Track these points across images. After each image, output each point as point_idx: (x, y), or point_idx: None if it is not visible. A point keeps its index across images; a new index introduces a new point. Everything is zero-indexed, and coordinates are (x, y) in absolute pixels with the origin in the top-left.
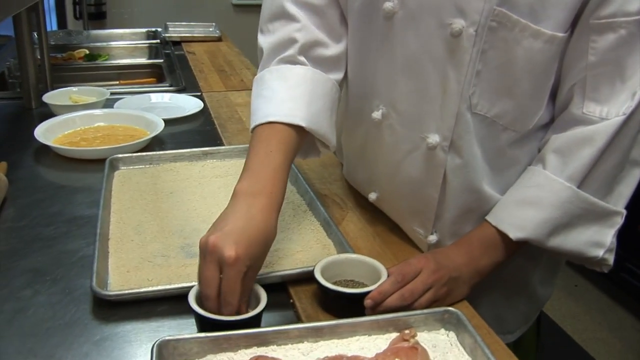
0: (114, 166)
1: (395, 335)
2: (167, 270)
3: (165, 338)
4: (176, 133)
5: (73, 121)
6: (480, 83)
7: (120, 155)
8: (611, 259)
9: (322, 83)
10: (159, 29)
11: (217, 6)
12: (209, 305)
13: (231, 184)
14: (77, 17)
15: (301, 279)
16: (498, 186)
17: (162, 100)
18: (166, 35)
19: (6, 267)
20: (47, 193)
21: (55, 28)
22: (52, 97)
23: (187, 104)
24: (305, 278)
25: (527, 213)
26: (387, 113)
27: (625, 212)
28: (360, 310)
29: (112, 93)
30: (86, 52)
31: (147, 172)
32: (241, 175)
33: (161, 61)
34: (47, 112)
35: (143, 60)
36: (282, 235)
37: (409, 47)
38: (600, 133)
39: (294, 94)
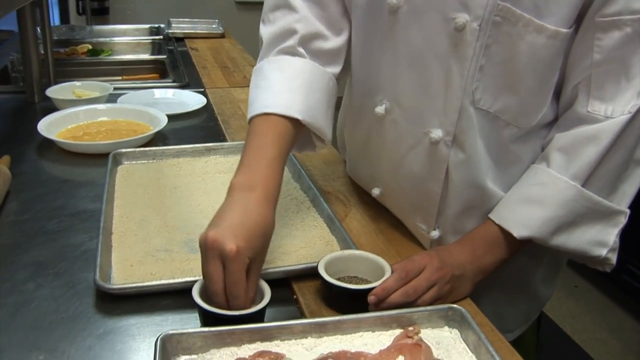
0: (117, 161)
1: (398, 331)
2: (171, 264)
3: (168, 332)
4: (179, 129)
5: (76, 115)
6: (483, 78)
7: (123, 150)
8: (614, 259)
9: (320, 76)
10: (162, 25)
11: (220, 3)
12: (218, 300)
13: None
14: (80, 13)
15: (305, 275)
16: (501, 183)
17: (166, 95)
18: (169, 31)
19: (9, 261)
20: (50, 187)
21: (57, 23)
22: (56, 92)
23: (191, 100)
24: (308, 274)
25: (531, 211)
26: (391, 108)
27: (628, 212)
28: (363, 306)
29: (116, 88)
30: (89, 48)
31: (150, 167)
32: (237, 168)
33: (164, 57)
34: (50, 107)
35: (146, 56)
36: (286, 231)
37: (413, 42)
38: (605, 131)
39: (291, 86)
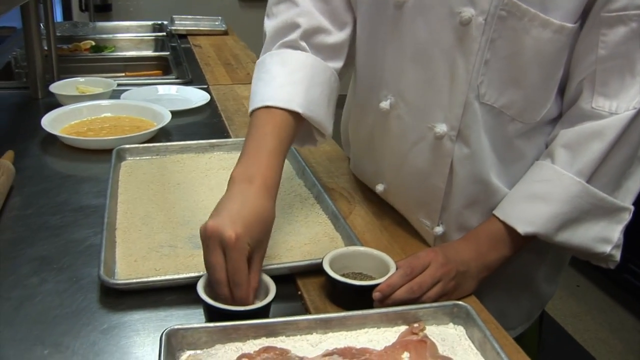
0: (121, 157)
1: (404, 328)
2: (175, 260)
3: (174, 327)
4: (183, 125)
5: (80, 111)
6: (488, 72)
7: (127, 145)
8: (618, 255)
9: (322, 71)
10: (165, 22)
11: (223, 0)
12: (221, 290)
13: None
14: (83, 9)
15: (309, 271)
16: (505, 179)
17: (169, 92)
18: (172, 28)
19: (13, 255)
20: (54, 182)
21: (60, 20)
22: (59, 87)
23: (194, 97)
24: (313, 270)
25: (536, 207)
26: (395, 103)
27: (633, 208)
28: (368, 302)
29: (119, 84)
30: (92, 44)
31: (154, 163)
32: (238, 160)
33: (167, 54)
34: (54, 102)
35: (149, 52)
36: (290, 227)
37: (418, 36)
38: (610, 127)
39: (293, 79)
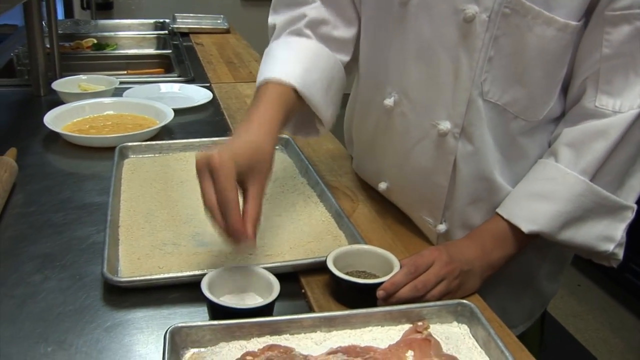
0: (124, 154)
1: (408, 326)
2: (178, 258)
3: (178, 325)
4: (185, 123)
5: (82, 109)
6: (492, 70)
7: (129, 143)
8: (621, 254)
9: (325, 57)
10: (167, 20)
11: None
12: (214, 221)
13: None
14: (84, 7)
15: (313, 269)
16: (509, 176)
17: (172, 90)
18: (174, 26)
19: (16, 253)
20: (57, 180)
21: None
22: (62, 85)
23: (197, 95)
24: (317, 268)
25: (540, 206)
26: (399, 100)
27: (636, 207)
28: (372, 301)
29: (121, 82)
30: (94, 42)
31: (157, 161)
32: None
33: (169, 52)
34: (56, 100)
35: (151, 50)
36: (294, 226)
37: (423, 34)
38: (614, 126)
39: (295, 59)
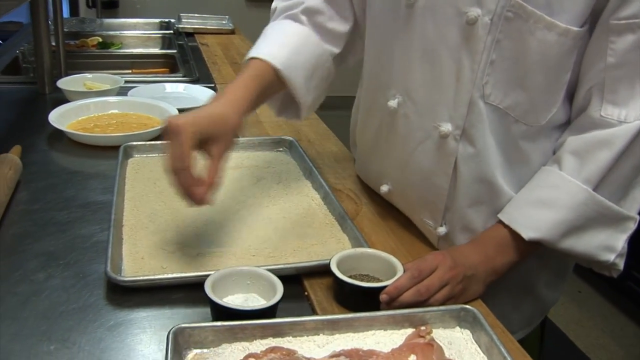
0: (128, 153)
1: (410, 331)
2: (181, 258)
3: (181, 325)
4: None
5: (87, 107)
6: (494, 73)
7: (134, 142)
8: (621, 264)
9: (314, 45)
10: (172, 20)
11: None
12: (172, 180)
13: (245, 176)
14: (90, 6)
15: (316, 272)
16: (511, 181)
17: (176, 90)
18: (179, 26)
19: (20, 250)
20: (61, 178)
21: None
22: (67, 83)
23: (201, 95)
24: (320, 271)
25: (542, 213)
26: (403, 102)
27: (638, 218)
28: (375, 304)
29: (126, 81)
30: (99, 40)
31: (161, 161)
32: None
33: (174, 52)
34: (61, 98)
35: (156, 50)
36: (297, 228)
37: (427, 35)
38: (619, 136)
39: (283, 41)
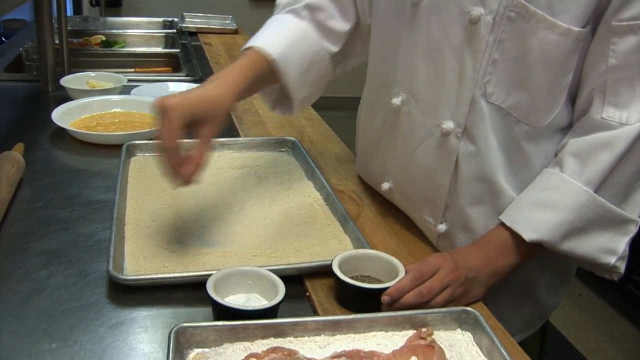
0: (131, 152)
1: (412, 332)
2: (183, 257)
3: (182, 325)
4: None
5: (90, 106)
6: (496, 72)
7: (137, 141)
8: (622, 267)
9: (312, 41)
10: (175, 19)
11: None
12: (162, 159)
13: (248, 176)
14: (93, 4)
15: (318, 273)
16: (512, 181)
17: (180, 89)
18: (183, 25)
19: (22, 248)
20: (63, 176)
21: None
22: (70, 81)
23: None
24: (321, 272)
25: (542, 215)
26: (406, 100)
27: (639, 221)
28: (376, 306)
29: (129, 80)
30: (102, 39)
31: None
32: None
33: (177, 51)
34: (64, 96)
35: (159, 49)
36: (299, 229)
37: (432, 34)
38: (620, 138)
39: (282, 34)
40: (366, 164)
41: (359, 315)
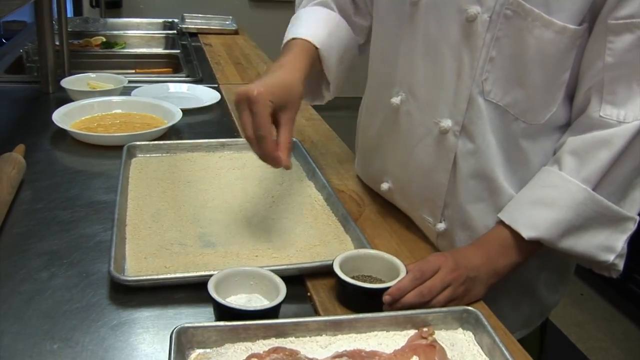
0: (132, 153)
1: (413, 332)
2: (185, 258)
3: (184, 325)
4: (193, 123)
5: (91, 107)
6: (493, 70)
7: (137, 142)
8: (621, 265)
9: (345, 30)
10: (176, 20)
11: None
12: (253, 149)
13: (248, 176)
14: (93, 5)
15: (319, 273)
16: (510, 179)
17: (180, 90)
18: (183, 26)
19: (23, 249)
20: (64, 177)
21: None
22: (70, 83)
23: (205, 95)
24: (323, 271)
25: (541, 213)
26: (406, 99)
27: (638, 219)
28: (377, 305)
29: (130, 81)
30: (103, 40)
31: (164, 161)
32: None
33: (178, 52)
34: (64, 97)
35: (159, 50)
36: (300, 229)
37: (430, 33)
38: (618, 136)
39: (319, 24)
40: (366, 165)
41: (360, 315)
